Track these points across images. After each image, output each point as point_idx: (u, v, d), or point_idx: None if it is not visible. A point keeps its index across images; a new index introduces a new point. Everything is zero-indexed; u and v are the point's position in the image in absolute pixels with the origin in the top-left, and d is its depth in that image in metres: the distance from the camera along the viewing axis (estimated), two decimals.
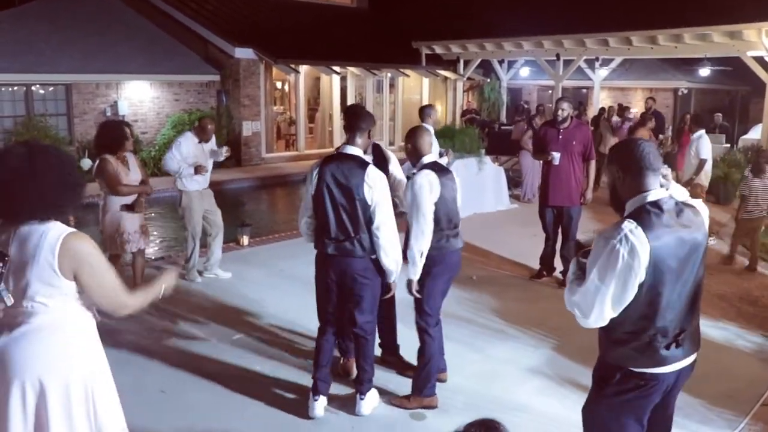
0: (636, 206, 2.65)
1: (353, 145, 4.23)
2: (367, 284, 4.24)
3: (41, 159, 2.55)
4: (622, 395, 2.75)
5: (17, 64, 13.92)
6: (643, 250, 2.53)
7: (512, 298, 6.77)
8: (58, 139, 13.92)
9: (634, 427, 2.79)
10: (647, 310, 2.63)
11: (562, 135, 7.02)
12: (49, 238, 2.53)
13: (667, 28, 15.33)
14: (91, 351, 2.69)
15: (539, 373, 5.08)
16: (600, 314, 2.64)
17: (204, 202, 7.03)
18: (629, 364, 2.71)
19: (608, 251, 2.57)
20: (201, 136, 6.98)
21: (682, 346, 2.71)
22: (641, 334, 2.66)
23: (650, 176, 2.65)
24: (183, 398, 4.56)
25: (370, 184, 4.07)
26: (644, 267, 2.54)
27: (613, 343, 2.75)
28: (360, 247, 4.13)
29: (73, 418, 2.58)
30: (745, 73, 15.50)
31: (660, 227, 2.58)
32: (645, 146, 2.70)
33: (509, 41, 18.73)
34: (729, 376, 5.05)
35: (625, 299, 2.60)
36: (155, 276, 7.10)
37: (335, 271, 4.23)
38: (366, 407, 4.39)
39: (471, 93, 24.06)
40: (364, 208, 4.09)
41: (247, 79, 17.26)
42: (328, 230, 4.16)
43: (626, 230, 2.55)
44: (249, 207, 13.37)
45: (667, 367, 2.70)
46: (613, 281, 2.57)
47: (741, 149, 14.78)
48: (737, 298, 6.81)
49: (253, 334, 5.70)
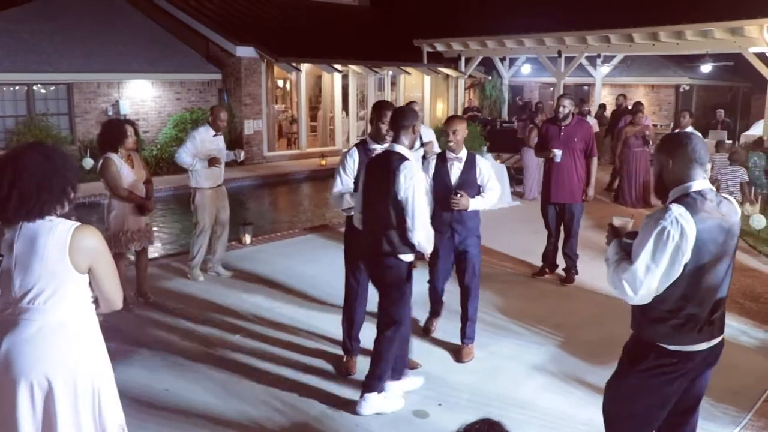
0: (680, 193, 2.83)
1: (398, 143, 4.21)
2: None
3: (28, 158, 2.56)
4: (653, 371, 2.88)
5: (19, 64, 13.94)
6: (691, 232, 2.71)
7: (515, 295, 6.77)
8: (60, 138, 13.95)
9: (657, 410, 2.93)
10: (688, 290, 2.79)
11: (563, 132, 7.02)
12: (58, 232, 2.54)
13: (669, 25, 15.32)
14: (96, 348, 2.70)
15: (543, 370, 5.08)
16: (648, 291, 2.79)
17: (218, 201, 7.03)
18: (665, 342, 2.85)
19: (659, 232, 2.73)
20: (215, 126, 6.95)
21: (713, 326, 2.88)
22: (679, 313, 2.81)
23: (697, 168, 2.83)
24: (186, 396, 4.56)
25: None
26: (690, 248, 2.72)
27: (651, 321, 2.88)
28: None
29: (80, 415, 2.59)
30: (747, 69, 15.50)
31: (703, 213, 2.75)
32: (696, 140, 2.88)
33: (511, 38, 18.72)
34: (733, 373, 5.04)
35: (672, 278, 2.76)
36: (159, 274, 7.12)
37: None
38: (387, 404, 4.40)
39: (472, 90, 24.04)
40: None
41: (248, 78, 17.27)
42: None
43: (676, 213, 2.73)
44: (251, 206, 13.37)
45: (699, 345, 2.86)
46: (663, 260, 2.73)
47: (743, 145, 14.76)
48: (740, 294, 6.80)
49: (256, 332, 5.70)
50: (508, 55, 21.00)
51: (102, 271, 2.65)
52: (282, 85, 21.16)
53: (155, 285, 6.74)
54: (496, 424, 1.81)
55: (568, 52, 18.02)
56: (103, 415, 2.66)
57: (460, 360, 5.17)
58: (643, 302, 2.83)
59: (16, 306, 2.55)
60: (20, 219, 2.55)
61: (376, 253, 4.25)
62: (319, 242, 8.75)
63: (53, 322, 2.57)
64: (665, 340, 2.85)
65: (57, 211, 2.61)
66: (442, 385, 4.76)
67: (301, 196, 15.21)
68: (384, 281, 4.31)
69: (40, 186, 2.54)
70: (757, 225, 8.89)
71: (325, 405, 4.47)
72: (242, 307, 6.31)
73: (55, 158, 2.62)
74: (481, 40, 19.52)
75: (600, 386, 4.66)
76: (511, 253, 8.29)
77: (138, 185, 6.06)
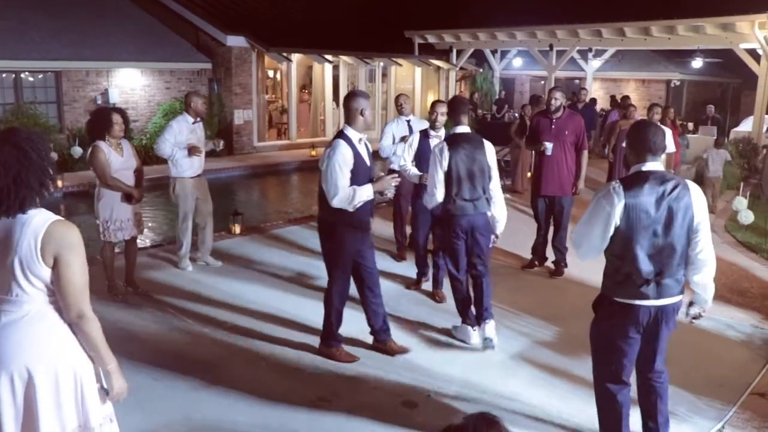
0: (633, 172, 3.46)
1: (461, 125, 5.34)
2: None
3: (1, 152, 2.49)
4: (608, 319, 3.54)
5: (6, 51, 13.80)
6: (619, 202, 3.33)
7: (504, 287, 6.78)
8: (48, 127, 13.83)
9: (620, 349, 3.51)
10: (622, 251, 3.40)
11: (554, 125, 7.02)
12: (34, 224, 2.49)
13: (661, 20, 15.37)
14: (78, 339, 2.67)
15: (531, 362, 5.10)
16: (588, 248, 3.49)
17: (198, 190, 6.98)
18: (612, 294, 3.48)
19: (596, 201, 3.44)
20: (192, 114, 6.87)
21: (658, 288, 3.39)
22: (619, 270, 3.43)
23: (647, 154, 3.43)
24: (176, 387, 4.55)
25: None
26: (619, 215, 3.33)
27: (604, 275, 3.55)
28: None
29: (62, 405, 2.56)
30: (738, 65, 15.57)
31: (637, 188, 3.35)
32: (650, 131, 3.47)
33: (502, 31, 18.71)
34: (719, 366, 5.09)
35: (607, 237, 3.40)
36: (148, 264, 7.08)
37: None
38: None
39: (464, 83, 24.03)
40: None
41: (239, 68, 17.18)
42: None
43: (611, 187, 3.40)
44: (240, 196, 13.34)
45: (641, 301, 3.41)
46: (596, 222, 3.40)
47: (732, 141, 14.83)
48: (727, 289, 6.84)
49: (245, 322, 5.69)
50: (499, 47, 20.99)
51: (62, 269, 2.49)
52: (272, 75, 21.06)
53: (144, 274, 6.71)
54: (494, 421, 1.76)
55: (560, 45, 18.04)
56: (86, 406, 2.63)
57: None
58: (587, 257, 3.53)
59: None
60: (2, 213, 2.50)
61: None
62: (308, 233, 8.73)
63: (32, 313, 2.53)
64: (612, 293, 3.48)
65: (36, 204, 2.56)
66: (431, 376, 4.77)
67: (291, 187, 15.18)
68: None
69: (17, 181, 2.47)
70: (745, 220, 8.95)
71: (315, 395, 4.47)
72: (232, 296, 6.29)
73: (30, 149, 2.52)
74: (473, 32, 19.50)
75: (587, 378, 4.70)
76: (500, 245, 8.28)
77: (128, 174, 6.02)
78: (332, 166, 4.65)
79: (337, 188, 4.65)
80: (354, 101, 4.81)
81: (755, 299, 6.59)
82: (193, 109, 6.86)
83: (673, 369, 4.87)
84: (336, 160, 4.65)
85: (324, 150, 4.86)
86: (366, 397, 4.47)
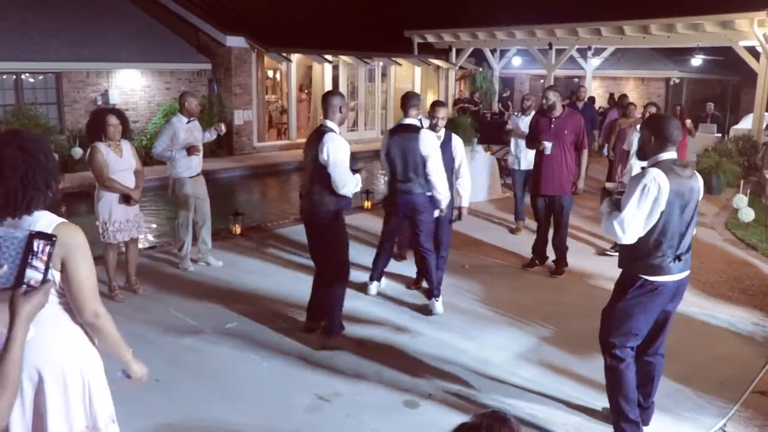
0: (656, 161, 3.72)
1: (407, 117, 5.96)
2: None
3: (7, 153, 2.47)
4: (639, 297, 3.79)
5: (6, 52, 13.79)
6: (665, 188, 3.59)
7: (505, 286, 6.79)
8: (49, 128, 13.82)
9: (643, 321, 3.84)
10: (661, 233, 3.68)
11: (554, 124, 7.02)
12: (39, 226, 2.48)
13: (660, 18, 15.35)
14: (84, 340, 2.68)
15: (533, 360, 5.10)
16: (635, 232, 3.67)
17: (196, 190, 6.98)
18: (647, 274, 3.74)
19: (641, 188, 3.62)
20: (186, 113, 6.87)
21: (681, 262, 3.75)
22: (656, 250, 3.70)
23: (669, 143, 3.72)
24: (177, 387, 4.56)
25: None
26: (665, 200, 3.60)
27: (636, 258, 3.77)
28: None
29: (71, 407, 2.56)
30: (737, 62, 15.55)
31: (673, 174, 3.64)
32: (674, 123, 3.77)
33: (501, 30, 18.70)
34: (720, 364, 5.09)
35: (651, 222, 3.65)
36: (148, 265, 7.09)
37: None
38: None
39: (463, 82, 24.02)
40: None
41: (238, 68, 17.18)
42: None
43: (654, 174, 3.62)
44: (241, 196, 13.33)
45: (671, 276, 3.75)
46: (644, 207, 3.62)
47: (732, 139, 14.83)
48: (728, 287, 6.85)
49: (247, 322, 5.69)
50: (499, 46, 20.98)
51: (72, 270, 2.50)
52: (272, 76, 21.05)
53: (145, 275, 6.71)
54: (506, 419, 1.73)
55: (559, 44, 18.03)
56: (94, 407, 2.64)
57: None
58: (630, 242, 3.70)
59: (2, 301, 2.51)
60: (5, 216, 2.50)
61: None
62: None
63: (43, 315, 2.54)
64: (647, 272, 3.74)
65: (42, 206, 2.56)
66: (433, 376, 4.77)
67: (291, 187, 15.17)
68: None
69: (24, 182, 2.47)
70: (746, 218, 8.95)
71: (316, 395, 4.47)
72: (233, 296, 6.30)
73: (36, 150, 2.51)
74: (472, 31, 19.49)
75: (589, 377, 4.71)
76: (500, 244, 8.31)
77: (128, 174, 6.03)
78: (343, 158, 5.03)
79: (347, 177, 5.05)
80: (335, 98, 5.22)
81: (756, 297, 6.59)
82: (186, 109, 6.87)
83: (674, 367, 4.89)
84: (343, 152, 5.03)
85: (319, 144, 5.04)
86: (367, 397, 4.48)
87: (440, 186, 5.86)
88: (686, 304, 6.35)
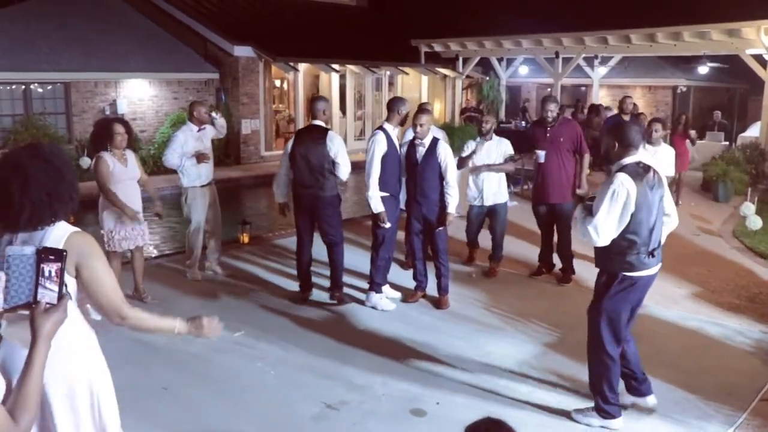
0: (621, 165, 4.00)
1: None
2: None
3: (33, 167, 2.47)
4: (621, 293, 4.07)
5: (16, 63, 13.92)
6: (632, 191, 3.87)
7: (512, 294, 6.78)
8: (57, 137, 13.93)
9: (625, 317, 4.13)
10: (633, 233, 3.95)
11: (549, 133, 7.02)
12: (53, 236, 2.48)
13: (666, 26, 15.34)
14: (93, 352, 2.67)
15: (539, 369, 5.09)
16: (609, 235, 3.94)
17: (207, 199, 7.01)
18: (625, 270, 4.02)
19: (611, 192, 3.90)
20: (195, 122, 6.91)
21: (654, 257, 4.06)
22: (632, 248, 3.97)
23: (632, 149, 4.03)
24: (184, 395, 4.57)
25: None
26: (634, 202, 3.88)
27: (613, 255, 4.03)
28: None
29: (80, 421, 2.56)
30: (744, 70, 15.51)
31: (638, 176, 3.93)
32: (635, 129, 4.12)
33: (508, 39, 18.73)
34: (728, 372, 5.07)
35: (623, 224, 3.93)
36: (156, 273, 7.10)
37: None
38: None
39: (470, 91, 24.04)
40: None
41: (246, 77, 17.26)
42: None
43: (619, 178, 3.91)
44: (248, 205, 13.36)
45: (648, 270, 4.07)
46: (615, 211, 3.89)
47: (740, 147, 14.79)
48: (735, 295, 6.82)
49: (254, 330, 5.70)
50: (505, 55, 21.01)
51: (90, 276, 2.51)
52: (279, 85, 21.13)
53: (152, 284, 6.73)
54: (501, 423, 1.79)
55: (566, 53, 18.04)
56: (103, 420, 2.63)
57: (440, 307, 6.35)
58: (604, 244, 3.97)
59: (10, 314, 2.52)
60: (31, 228, 2.49)
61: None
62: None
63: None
64: (625, 269, 4.02)
65: (65, 217, 2.56)
66: (439, 384, 4.77)
67: None
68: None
69: (51, 195, 2.46)
70: (753, 226, 8.93)
71: (323, 403, 4.48)
72: (241, 305, 6.32)
73: (59, 163, 2.52)
74: (479, 40, 19.53)
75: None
76: (507, 252, 8.29)
77: (132, 184, 6.07)
78: (345, 149, 6.20)
79: (349, 163, 6.21)
80: (320, 103, 6.27)
81: (764, 305, 6.56)
82: (196, 118, 6.91)
83: (681, 375, 4.88)
84: (344, 144, 6.20)
85: (325, 140, 6.12)
86: (374, 405, 4.48)
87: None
88: (693, 312, 6.35)
